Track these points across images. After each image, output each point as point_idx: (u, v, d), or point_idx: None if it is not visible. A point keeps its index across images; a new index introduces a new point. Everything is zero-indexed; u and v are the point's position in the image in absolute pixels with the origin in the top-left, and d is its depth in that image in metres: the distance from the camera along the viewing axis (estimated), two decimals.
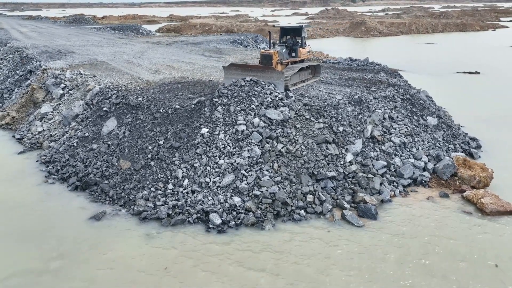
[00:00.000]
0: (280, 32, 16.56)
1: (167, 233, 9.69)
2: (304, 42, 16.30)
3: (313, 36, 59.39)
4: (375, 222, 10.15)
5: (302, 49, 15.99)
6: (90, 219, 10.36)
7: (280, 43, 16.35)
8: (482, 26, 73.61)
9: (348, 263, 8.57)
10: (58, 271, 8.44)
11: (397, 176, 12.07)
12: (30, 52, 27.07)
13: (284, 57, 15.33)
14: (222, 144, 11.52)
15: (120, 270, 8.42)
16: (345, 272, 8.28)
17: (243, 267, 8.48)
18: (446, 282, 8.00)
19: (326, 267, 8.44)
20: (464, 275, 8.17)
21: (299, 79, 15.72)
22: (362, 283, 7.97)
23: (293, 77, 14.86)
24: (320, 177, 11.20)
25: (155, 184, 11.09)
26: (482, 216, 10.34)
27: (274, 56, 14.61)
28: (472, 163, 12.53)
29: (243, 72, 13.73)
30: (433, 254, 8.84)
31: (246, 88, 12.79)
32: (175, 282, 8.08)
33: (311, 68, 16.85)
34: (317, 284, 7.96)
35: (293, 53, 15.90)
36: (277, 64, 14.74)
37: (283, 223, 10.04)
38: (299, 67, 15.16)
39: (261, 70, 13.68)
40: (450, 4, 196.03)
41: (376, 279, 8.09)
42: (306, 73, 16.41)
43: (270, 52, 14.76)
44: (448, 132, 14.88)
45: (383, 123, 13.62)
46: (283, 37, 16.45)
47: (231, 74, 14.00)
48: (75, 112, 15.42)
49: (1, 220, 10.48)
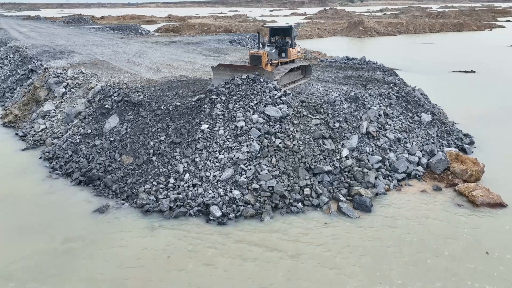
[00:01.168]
0: (270, 33, 16.31)
1: (169, 225, 10.03)
2: (294, 42, 16.14)
3: (311, 36, 59.81)
4: (370, 214, 10.51)
5: (292, 50, 15.84)
6: (94, 212, 10.69)
7: (270, 43, 16.11)
8: (479, 26, 74.15)
9: (344, 252, 8.93)
10: (64, 261, 8.78)
11: (392, 170, 12.44)
12: (31, 52, 27.37)
13: (274, 58, 15.09)
14: (222, 140, 11.87)
15: (125, 259, 8.75)
16: (341, 261, 8.63)
17: (242, 256, 8.83)
18: (439, 269, 8.36)
19: (323, 256, 8.79)
20: (456, 263, 8.53)
21: (289, 80, 15.48)
22: (357, 271, 8.33)
23: (283, 78, 14.65)
24: (317, 171, 11.55)
25: (157, 178, 11.43)
26: (473, 208, 10.72)
27: (264, 57, 14.40)
28: (464, 158, 12.91)
29: (232, 73, 13.65)
30: (426, 244, 9.20)
31: (244, 86, 13.11)
32: (179, 269, 8.42)
33: (301, 68, 16.65)
34: (315, 273, 8.31)
35: (283, 54, 15.73)
36: (267, 65, 14.57)
37: (281, 215, 10.40)
38: (289, 67, 14.99)
39: (250, 71, 13.56)
40: (448, 4, 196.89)
41: (371, 267, 8.44)
42: (296, 74, 16.15)
43: (259, 52, 14.53)
44: (442, 129, 15.26)
45: (378, 119, 13.99)
46: (273, 37, 16.23)
47: (220, 75, 13.93)
48: (77, 110, 15.74)
49: (8, 212, 10.81)
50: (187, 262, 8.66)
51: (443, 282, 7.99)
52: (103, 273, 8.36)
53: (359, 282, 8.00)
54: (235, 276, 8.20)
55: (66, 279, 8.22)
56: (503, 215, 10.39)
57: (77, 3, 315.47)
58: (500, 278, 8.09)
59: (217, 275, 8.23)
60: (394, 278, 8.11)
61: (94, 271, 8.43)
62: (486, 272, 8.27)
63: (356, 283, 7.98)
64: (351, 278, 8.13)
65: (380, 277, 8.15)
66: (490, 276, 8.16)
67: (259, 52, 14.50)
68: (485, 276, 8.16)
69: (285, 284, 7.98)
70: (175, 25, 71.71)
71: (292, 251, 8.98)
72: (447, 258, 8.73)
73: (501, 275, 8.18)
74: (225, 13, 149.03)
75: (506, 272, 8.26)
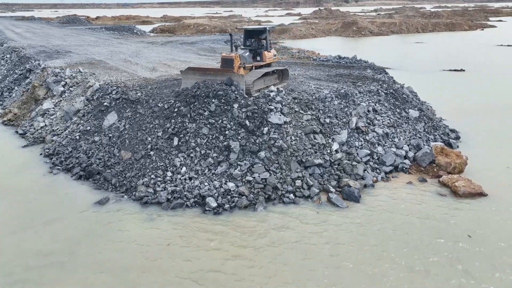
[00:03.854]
0: (244, 35, 15.68)
1: (167, 216, 10.52)
2: (270, 45, 15.60)
3: (306, 36, 60.44)
4: (358, 204, 11.07)
5: (267, 53, 15.20)
6: (95, 204, 11.16)
7: (245, 46, 15.54)
8: (471, 25, 75.22)
9: (333, 238, 9.48)
10: (68, 251, 9.24)
11: (380, 163, 13.02)
12: (28, 52, 27.70)
13: (248, 61, 14.56)
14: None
15: (126, 248, 9.24)
16: (331, 247, 9.18)
17: (236, 244, 9.35)
18: (423, 250, 8.95)
19: (314, 243, 9.33)
20: (440, 247, 9.13)
21: (263, 84, 14.66)
22: (345, 257, 8.88)
23: (257, 82, 14.00)
24: (308, 164, 12.10)
25: (155, 171, 11.91)
26: (456, 197, 11.33)
27: (236, 60, 13.87)
28: (449, 151, 13.53)
29: (202, 76, 13.44)
30: (412, 231, 9.76)
31: (218, 110, 12.75)
32: (178, 256, 8.92)
33: (278, 72, 15.84)
34: (306, 259, 8.85)
35: (257, 57, 15.16)
36: (239, 68, 14.03)
37: (273, 206, 10.93)
38: (263, 71, 14.35)
39: (220, 74, 13.29)
40: (442, 4, 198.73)
41: (359, 250, 9.00)
42: (272, 78, 15.25)
43: (231, 55, 13.98)
44: (429, 124, 15.88)
45: (367, 115, 14.57)
46: (248, 40, 15.57)
47: (189, 79, 13.67)
48: (76, 108, 16.18)
49: (10, 205, 11.25)
50: (186, 249, 9.16)
51: (427, 261, 8.56)
52: (105, 261, 8.83)
53: (347, 263, 8.55)
54: (230, 262, 8.72)
55: (70, 267, 8.68)
56: (483, 204, 11.00)
57: (71, 3, 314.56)
58: (484, 256, 8.77)
59: (214, 262, 8.75)
60: (383, 259, 8.67)
61: (96, 262, 8.87)
62: (470, 251, 8.93)
63: (344, 264, 8.52)
64: (342, 260, 8.67)
65: (369, 258, 8.70)
66: (476, 254, 8.83)
67: (231, 55, 13.98)
68: (470, 255, 8.82)
69: (272, 268, 8.51)
70: (170, 26, 72.05)
71: (283, 239, 9.51)
72: (432, 241, 9.32)
73: (485, 253, 8.85)
74: (220, 13, 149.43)
75: (489, 251, 8.92)
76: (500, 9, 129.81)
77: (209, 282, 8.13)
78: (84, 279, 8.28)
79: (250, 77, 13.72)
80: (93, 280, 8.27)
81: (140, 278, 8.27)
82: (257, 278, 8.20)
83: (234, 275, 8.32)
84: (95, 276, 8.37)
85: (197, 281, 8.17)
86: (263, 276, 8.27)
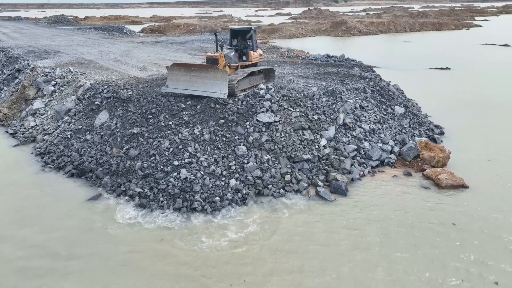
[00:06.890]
0: (230, 35, 15.79)
1: (159, 211, 10.74)
2: (256, 45, 15.69)
3: (295, 36, 60.95)
4: (346, 197, 11.45)
5: (253, 52, 15.30)
6: (88, 200, 11.33)
7: (231, 46, 15.62)
8: (457, 25, 76.65)
9: (321, 228, 9.83)
10: (63, 244, 9.42)
11: (366, 158, 13.42)
12: (16, 52, 27.53)
13: (233, 61, 14.63)
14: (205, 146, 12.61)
15: (120, 241, 9.45)
16: (318, 236, 9.53)
17: (226, 236, 9.65)
18: (409, 238, 9.40)
19: (303, 232, 9.67)
20: (426, 234, 9.58)
21: (249, 84, 14.75)
22: (332, 243, 9.23)
23: (242, 82, 14.09)
24: (297, 159, 12.43)
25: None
26: (439, 189, 11.79)
27: (220, 60, 13.94)
28: (433, 145, 14.00)
29: (187, 72, 13.61)
30: (396, 220, 10.19)
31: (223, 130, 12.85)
32: (170, 249, 9.16)
33: (264, 72, 15.94)
34: (297, 246, 9.18)
35: (243, 57, 15.27)
36: (225, 67, 14.11)
37: (264, 198, 11.24)
38: (248, 71, 14.41)
39: (204, 70, 13.41)
40: (429, 4, 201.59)
41: (346, 239, 9.36)
42: (258, 78, 15.36)
43: (215, 55, 14.02)
44: (414, 120, 16.37)
45: (354, 112, 14.97)
46: (233, 39, 15.70)
47: (175, 75, 13.83)
48: (67, 107, 16.25)
49: (7, 202, 11.34)
50: (178, 242, 9.41)
51: (410, 249, 8.96)
52: (101, 254, 9.04)
53: (336, 249, 8.90)
54: (221, 252, 9.00)
55: (69, 261, 8.87)
56: (465, 195, 11.49)
57: (58, 3, 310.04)
58: (468, 243, 9.26)
59: (205, 253, 9.02)
60: (371, 246, 9.05)
61: (92, 254, 9.07)
62: (456, 239, 9.41)
63: (332, 250, 8.87)
64: (329, 248, 9.02)
65: (356, 246, 9.07)
66: (461, 241, 9.32)
67: (216, 55, 14.05)
68: (455, 241, 9.31)
69: (265, 258, 8.83)
70: (160, 26, 71.86)
71: (273, 230, 9.82)
72: (418, 229, 9.78)
73: (469, 240, 9.36)
74: (210, 13, 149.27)
75: (473, 238, 9.44)
76: (485, 9, 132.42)
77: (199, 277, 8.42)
78: (80, 273, 8.48)
79: (234, 77, 13.80)
80: (90, 276, 8.47)
81: (134, 273, 8.50)
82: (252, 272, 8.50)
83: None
84: (90, 272, 8.57)
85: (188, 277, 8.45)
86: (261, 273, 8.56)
